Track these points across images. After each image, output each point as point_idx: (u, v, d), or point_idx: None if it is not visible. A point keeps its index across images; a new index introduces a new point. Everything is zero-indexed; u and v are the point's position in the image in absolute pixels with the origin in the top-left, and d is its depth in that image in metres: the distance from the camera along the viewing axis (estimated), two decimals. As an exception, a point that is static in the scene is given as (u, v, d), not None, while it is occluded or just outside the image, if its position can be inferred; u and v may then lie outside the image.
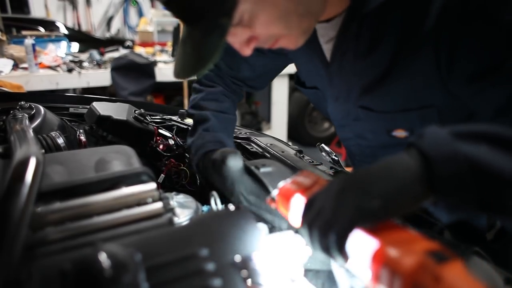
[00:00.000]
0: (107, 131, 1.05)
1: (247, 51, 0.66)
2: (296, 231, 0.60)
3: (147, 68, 3.35)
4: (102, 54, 3.71)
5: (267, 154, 0.97)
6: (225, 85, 1.04)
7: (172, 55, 3.74)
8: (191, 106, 1.02)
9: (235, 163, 0.80)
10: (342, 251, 0.46)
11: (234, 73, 1.03)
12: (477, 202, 0.46)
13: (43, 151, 0.71)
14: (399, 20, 0.67)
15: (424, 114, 0.74)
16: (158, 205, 0.56)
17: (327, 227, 0.46)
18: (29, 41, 2.90)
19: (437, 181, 0.45)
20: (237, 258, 0.47)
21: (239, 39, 0.64)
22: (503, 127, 0.48)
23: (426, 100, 0.72)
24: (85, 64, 3.29)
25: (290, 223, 0.57)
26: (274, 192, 0.60)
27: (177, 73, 0.66)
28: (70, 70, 3.09)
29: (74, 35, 4.29)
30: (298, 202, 0.54)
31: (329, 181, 0.52)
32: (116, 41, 4.36)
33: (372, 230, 0.44)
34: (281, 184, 0.59)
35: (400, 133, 0.78)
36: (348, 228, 0.45)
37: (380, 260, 0.41)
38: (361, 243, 0.44)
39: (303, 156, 0.97)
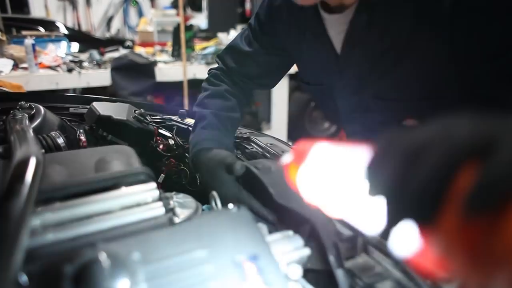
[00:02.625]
0: (107, 131, 1.05)
1: None
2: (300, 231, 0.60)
3: (147, 68, 3.35)
4: (102, 54, 3.71)
5: (267, 154, 0.97)
6: (232, 83, 1.05)
7: (172, 55, 3.73)
8: (196, 104, 1.03)
9: (239, 170, 0.79)
10: None
11: (240, 69, 1.04)
12: None
13: (43, 151, 0.71)
14: (412, 4, 0.68)
15: (436, 102, 0.75)
16: (158, 205, 0.56)
17: None
18: (29, 41, 2.90)
19: None
20: (237, 258, 0.47)
21: None
22: None
23: (440, 84, 0.73)
24: (85, 64, 3.29)
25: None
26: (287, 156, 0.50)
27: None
28: (70, 70, 3.09)
29: (74, 35, 4.30)
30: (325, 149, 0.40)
31: None
32: (116, 41, 4.37)
33: None
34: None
35: (411, 123, 0.79)
36: None
37: None
38: None
39: (303, 156, 0.97)
